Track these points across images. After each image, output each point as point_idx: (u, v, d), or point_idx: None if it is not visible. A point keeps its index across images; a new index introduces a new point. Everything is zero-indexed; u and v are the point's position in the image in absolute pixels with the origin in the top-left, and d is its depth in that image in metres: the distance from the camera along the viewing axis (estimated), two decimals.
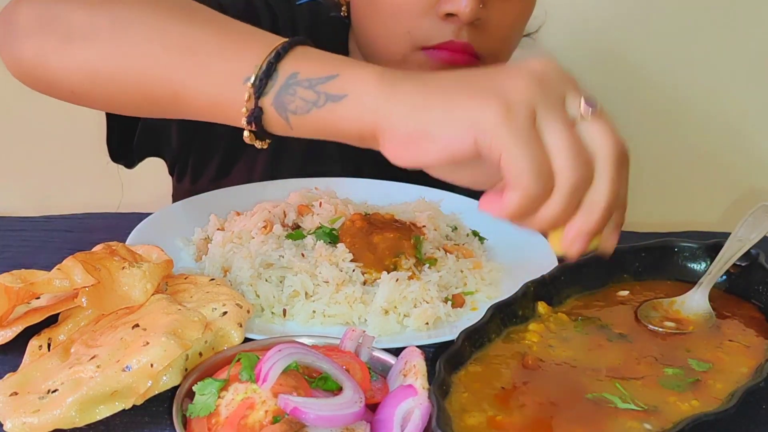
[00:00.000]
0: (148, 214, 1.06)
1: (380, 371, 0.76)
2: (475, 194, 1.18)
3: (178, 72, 0.81)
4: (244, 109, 0.78)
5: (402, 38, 1.12)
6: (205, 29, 0.83)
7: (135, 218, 1.03)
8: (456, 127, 0.68)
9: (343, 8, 1.26)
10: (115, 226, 0.99)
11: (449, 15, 1.07)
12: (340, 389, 0.68)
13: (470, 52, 1.11)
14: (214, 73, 0.80)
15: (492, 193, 0.71)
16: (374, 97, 0.73)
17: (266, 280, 0.92)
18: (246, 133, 0.81)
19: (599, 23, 2.13)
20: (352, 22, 1.24)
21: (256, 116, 0.78)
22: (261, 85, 0.77)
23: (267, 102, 0.78)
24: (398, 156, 0.72)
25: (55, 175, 2.19)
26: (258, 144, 0.82)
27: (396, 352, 0.76)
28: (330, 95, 0.75)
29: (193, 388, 0.69)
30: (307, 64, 0.77)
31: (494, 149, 0.66)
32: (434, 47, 1.10)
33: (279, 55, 0.77)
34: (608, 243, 0.73)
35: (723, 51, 2.14)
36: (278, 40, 0.79)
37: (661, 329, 0.85)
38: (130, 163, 1.27)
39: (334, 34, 1.31)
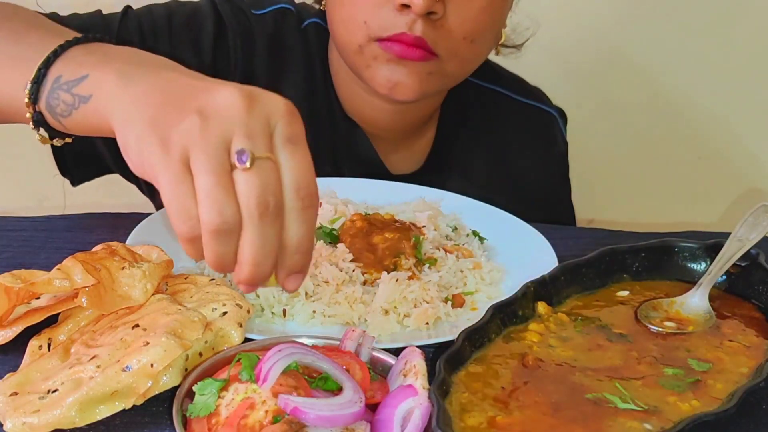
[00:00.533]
0: (148, 214, 1.06)
1: (380, 371, 0.76)
2: (475, 194, 1.20)
3: None
4: (28, 114, 0.85)
5: (359, 28, 1.13)
6: (8, 36, 0.89)
7: (135, 218, 1.03)
8: (137, 154, 0.69)
9: (323, 1, 1.26)
10: (115, 226, 0.98)
11: (404, 6, 1.08)
12: (340, 389, 0.68)
13: (423, 47, 1.11)
14: (6, 80, 0.87)
15: None
16: (110, 95, 0.75)
17: None
18: (36, 135, 0.86)
19: (598, 26, 2.13)
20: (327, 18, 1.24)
21: (37, 120, 0.85)
22: (33, 90, 0.83)
23: (42, 106, 0.84)
24: (121, 150, 0.72)
25: (55, 175, 2.19)
26: (57, 142, 0.87)
27: (396, 352, 0.76)
28: (81, 97, 0.80)
29: (193, 388, 0.69)
30: (71, 66, 0.82)
31: (156, 185, 0.67)
32: (388, 38, 1.11)
33: (49, 60, 0.83)
34: (288, 286, 0.71)
35: (723, 51, 2.14)
36: (62, 40, 0.84)
37: (661, 329, 0.85)
38: (72, 181, 1.27)
39: (317, 38, 1.31)
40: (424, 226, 1.05)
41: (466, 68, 1.22)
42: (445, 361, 0.74)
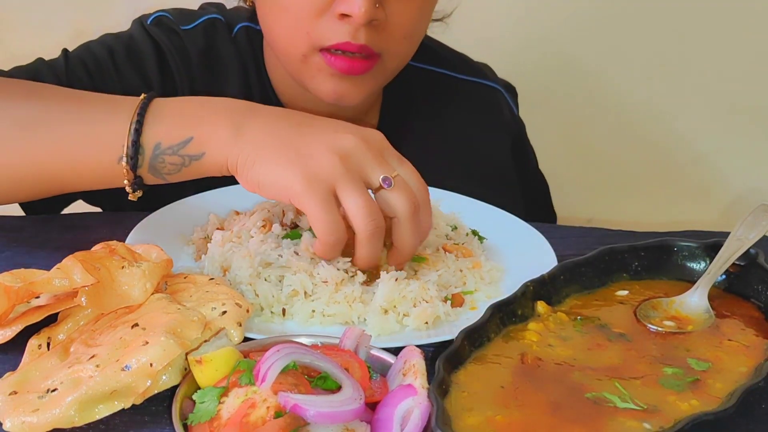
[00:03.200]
0: (148, 214, 1.05)
1: (380, 370, 0.76)
2: (475, 194, 1.20)
3: (60, 171, 0.95)
4: (125, 181, 0.93)
5: (302, 38, 1.12)
6: (63, 120, 0.95)
7: (134, 217, 1.03)
8: (275, 186, 0.88)
9: (248, 2, 1.25)
10: (115, 226, 0.98)
11: (345, 15, 1.08)
12: (339, 388, 0.68)
13: (367, 53, 1.11)
14: (88, 164, 0.94)
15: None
16: (225, 145, 0.90)
17: (265, 280, 0.92)
18: (129, 195, 0.95)
19: (599, 22, 2.13)
20: (259, 22, 1.23)
21: (137, 184, 0.94)
22: (133, 163, 0.92)
23: (143, 171, 0.93)
24: (248, 187, 0.91)
25: None
26: (139, 193, 0.96)
27: (395, 351, 0.76)
28: (192, 156, 0.92)
29: (192, 397, 0.69)
30: (164, 130, 0.92)
31: (302, 208, 0.87)
32: (332, 47, 1.10)
33: (138, 132, 0.91)
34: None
35: (722, 51, 2.14)
36: (129, 109, 0.92)
37: (660, 329, 0.85)
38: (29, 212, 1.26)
39: (248, 43, 1.31)
40: None
41: (404, 62, 1.23)
42: (444, 360, 0.74)
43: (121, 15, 1.96)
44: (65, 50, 1.25)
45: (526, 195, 1.47)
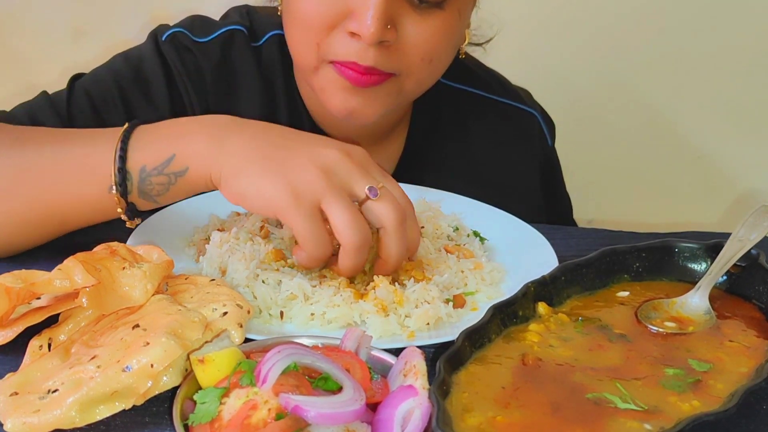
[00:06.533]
0: (149, 215, 1.05)
1: (380, 371, 0.75)
2: (476, 194, 1.20)
3: (59, 208, 0.97)
4: (119, 209, 0.95)
5: (312, 49, 1.10)
6: (54, 159, 0.98)
7: None
8: (260, 198, 0.88)
9: (279, 9, 1.22)
10: (116, 227, 0.98)
11: (355, 33, 1.05)
12: (340, 389, 0.68)
13: (376, 74, 1.08)
14: (83, 198, 0.96)
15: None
16: (207, 158, 0.91)
17: (263, 282, 0.91)
18: (126, 222, 0.97)
19: (597, 25, 2.13)
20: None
21: (131, 211, 0.96)
22: (123, 190, 0.93)
23: (134, 197, 0.95)
24: (231, 199, 0.91)
25: None
26: (137, 221, 0.98)
27: (396, 352, 0.76)
28: (176, 173, 0.93)
29: (193, 397, 0.69)
30: (147, 153, 0.94)
31: (287, 222, 0.88)
32: (341, 63, 1.08)
33: (123, 159, 0.93)
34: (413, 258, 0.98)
35: (722, 50, 2.14)
36: (114, 139, 0.94)
37: (661, 329, 0.85)
38: None
39: (279, 52, 1.29)
40: (423, 227, 1.05)
41: (423, 86, 1.19)
42: (445, 361, 0.74)
43: (121, 15, 1.96)
44: (72, 79, 1.25)
45: (550, 219, 1.44)
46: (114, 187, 0.93)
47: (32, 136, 1.03)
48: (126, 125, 0.96)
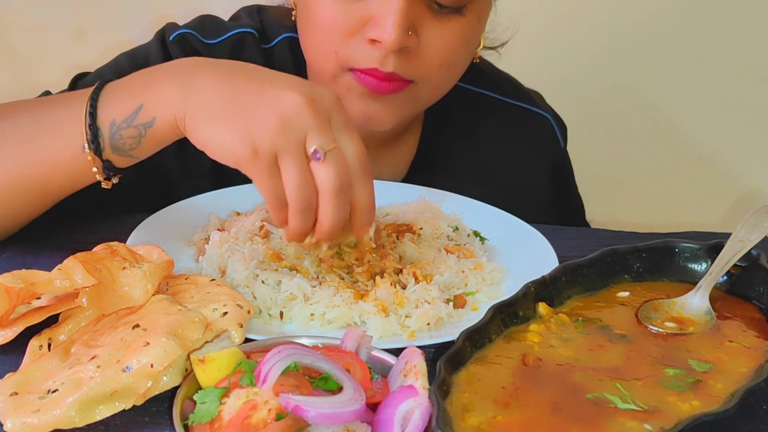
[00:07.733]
0: (149, 215, 1.06)
1: (381, 371, 0.76)
2: (486, 197, 1.19)
3: (40, 174, 0.95)
4: (95, 169, 0.93)
5: (330, 57, 1.09)
6: (31, 125, 0.96)
7: (136, 218, 1.03)
8: (221, 150, 0.86)
9: (293, 12, 1.21)
10: (116, 226, 0.99)
11: (375, 40, 1.05)
12: (340, 389, 0.68)
13: (396, 80, 1.08)
14: (61, 161, 0.94)
15: None
16: (173, 105, 0.89)
17: (263, 282, 0.91)
18: (103, 183, 0.95)
19: (599, 27, 2.13)
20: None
21: (108, 167, 0.93)
22: (95, 147, 0.91)
23: (107, 154, 0.92)
24: (198, 146, 0.88)
25: None
26: (114, 180, 0.95)
27: (397, 352, 0.76)
28: (145, 124, 0.91)
29: (193, 397, 0.69)
30: (116, 107, 0.92)
31: (248, 175, 0.85)
32: (360, 71, 1.08)
33: (93, 115, 0.91)
34: (362, 234, 0.91)
35: (722, 51, 2.14)
36: (84, 98, 0.92)
37: (661, 330, 0.85)
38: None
39: (291, 55, 1.28)
40: (422, 228, 1.05)
41: (440, 92, 1.19)
42: (445, 361, 0.74)
43: (122, 15, 1.96)
44: (75, 79, 1.24)
45: (563, 220, 1.43)
46: (86, 145, 0.91)
47: (12, 108, 1.02)
48: (97, 83, 0.94)
